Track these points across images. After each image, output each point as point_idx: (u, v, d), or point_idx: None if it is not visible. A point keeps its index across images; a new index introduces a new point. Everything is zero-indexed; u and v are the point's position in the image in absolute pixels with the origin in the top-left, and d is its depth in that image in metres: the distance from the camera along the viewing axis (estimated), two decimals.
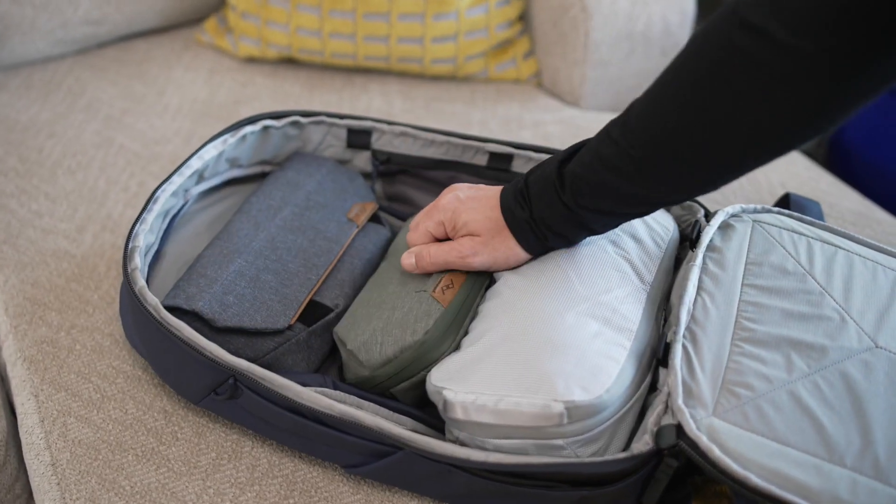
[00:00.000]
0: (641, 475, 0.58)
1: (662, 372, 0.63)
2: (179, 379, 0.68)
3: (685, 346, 0.62)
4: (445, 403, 0.61)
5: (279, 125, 0.84)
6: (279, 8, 1.11)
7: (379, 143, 0.86)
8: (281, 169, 0.84)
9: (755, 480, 0.53)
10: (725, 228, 0.71)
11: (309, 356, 0.71)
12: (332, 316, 0.73)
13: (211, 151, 0.79)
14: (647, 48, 1.14)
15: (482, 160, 0.83)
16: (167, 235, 0.79)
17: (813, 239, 0.70)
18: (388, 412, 0.65)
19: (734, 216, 0.73)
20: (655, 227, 0.73)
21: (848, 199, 0.97)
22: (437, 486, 0.63)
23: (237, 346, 0.68)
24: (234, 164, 0.84)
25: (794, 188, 0.97)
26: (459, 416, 0.60)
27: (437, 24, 1.10)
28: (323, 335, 0.72)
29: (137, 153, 0.99)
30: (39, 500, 0.68)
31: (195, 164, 0.78)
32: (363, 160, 0.88)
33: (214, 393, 0.65)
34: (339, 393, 0.65)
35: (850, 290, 0.65)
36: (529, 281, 0.66)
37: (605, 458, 0.58)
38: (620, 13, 1.10)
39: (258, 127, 0.82)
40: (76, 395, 0.72)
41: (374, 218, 0.83)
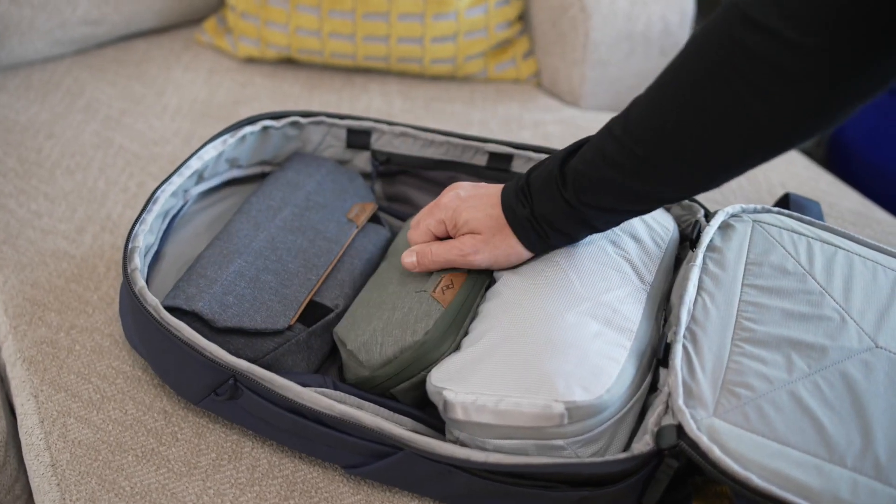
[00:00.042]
0: (642, 475, 0.58)
1: (663, 372, 0.63)
2: (179, 379, 0.68)
3: (685, 346, 0.62)
4: (446, 404, 0.61)
5: (279, 125, 0.83)
6: (278, 8, 1.11)
7: (379, 143, 0.86)
8: (281, 169, 0.84)
9: (756, 481, 0.53)
10: (725, 228, 0.71)
11: (309, 356, 0.71)
12: (332, 316, 0.73)
13: (210, 152, 0.79)
14: (646, 48, 1.14)
15: (482, 160, 0.83)
16: (167, 236, 0.79)
17: (813, 239, 0.70)
18: (388, 412, 0.65)
19: (734, 216, 0.73)
20: (655, 227, 0.73)
21: (848, 198, 0.97)
22: (437, 486, 0.63)
23: (237, 346, 0.68)
24: (233, 164, 0.84)
25: (793, 188, 0.97)
26: (460, 416, 0.60)
27: (436, 24, 1.10)
28: (323, 335, 0.72)
29: (137, 153, 0.99)
30: (39, 500, 0.68)
31: (195, 164, 0.78)
32: (363, 160, 0.87)
33: (214, 393, 0.65)
34: (339, 393, 0.65)
35: (850, 290, 0.65)
36: (529, 281, 0.66)
37: (605, 458, 0.58)
38: (620, 13, 1.10)
39: (258, 127, 0.82)
40: (76, 395, 0.72)
41: (373, 218, 0.83)
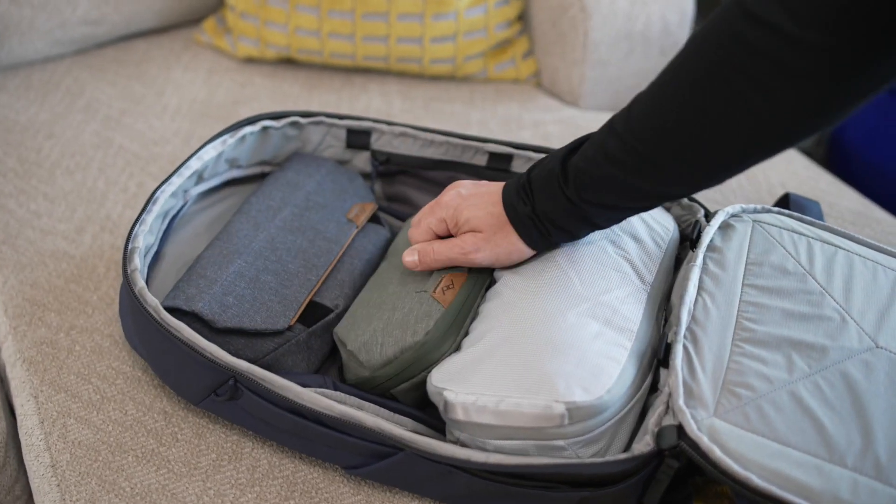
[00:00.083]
0: (642, 476, 0.58)
1: (663, 372, 0.63)
2: (179, 380, 0.68)
3: (686, 346, 0.62)
4: (446, 404, 0.61)
5: (278, 126, 0.83)
6: (278, 8, 1.11)
7: (378, 143, 0.85)
8: (280, 169, 0.84)
9: (756, 481, 0.53)
10: (725, 228, 0.71)
11: (309, 357, 0.71)
12: (332, 316, 0.73)
13: (210, 152, 0.79)
14: (646, 48, 1.14)
15: (482, 160, 0.83)
16: (166, 236, 0.78)
17: (813, 239, 0.70)
18: (388, 413, 0.65)
19: (734, 216, 0.73)
20: (655, 227, 0.73)
21: (847, 198, 0.97)
22: (437, 486, 0.63)
23: (237, 346, 0.68)
24: (233, 164, 0.84)
25: (793, 188, 0.97)
26: (460, 416, 0.60)
27: (436, 24, 1.10)
28: (323, 336, 0.72)
29: (136, 154, 0.99)
30: (39, 501, 0.68)
31: (194, 164, 0.78)
32: (362, 160, 0.87)
33: (214, 394, 0.65)
34: (339, 394, 0.65)
35: (850, 290, 0.65)
36: (530, 281, 0.66)
37: (606, 458, 0.58)
38: (619, 13, 1.10)
39: (257, 127, 0.82)
40: (76, 396, 0.72)
41: (373, 218, 0.83)
